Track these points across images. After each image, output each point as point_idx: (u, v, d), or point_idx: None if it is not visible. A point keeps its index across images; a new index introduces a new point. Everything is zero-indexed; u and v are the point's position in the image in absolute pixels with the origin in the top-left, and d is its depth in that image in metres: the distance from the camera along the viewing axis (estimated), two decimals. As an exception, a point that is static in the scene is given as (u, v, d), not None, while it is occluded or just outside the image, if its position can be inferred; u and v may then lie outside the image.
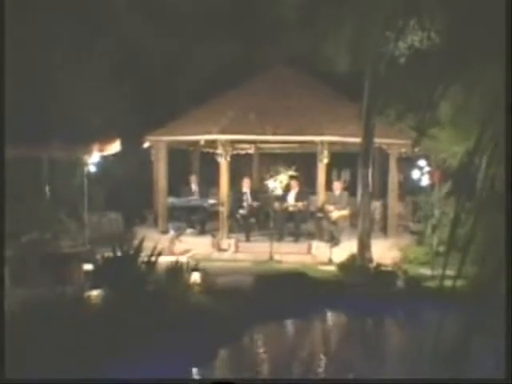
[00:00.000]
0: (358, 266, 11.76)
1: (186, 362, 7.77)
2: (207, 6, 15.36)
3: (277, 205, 13.86)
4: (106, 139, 10.94)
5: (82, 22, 12.74)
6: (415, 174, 14.12)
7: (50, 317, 7.71)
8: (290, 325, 10.39)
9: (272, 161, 16.77)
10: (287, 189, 14.25)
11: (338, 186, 14.17)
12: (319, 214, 13.66)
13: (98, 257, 9.43)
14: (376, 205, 14.42)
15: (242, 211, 14.21)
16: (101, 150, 10.98)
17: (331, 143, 13.49)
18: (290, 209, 13.99)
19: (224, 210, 13.80)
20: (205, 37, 15.92)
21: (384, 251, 12.70)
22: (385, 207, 14.71)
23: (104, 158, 11.49)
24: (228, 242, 13.57)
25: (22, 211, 10.32)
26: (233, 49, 15.96)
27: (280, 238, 13.69)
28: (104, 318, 8.03)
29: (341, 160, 14.70)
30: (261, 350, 9.15)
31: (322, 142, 13.38)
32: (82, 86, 11.93)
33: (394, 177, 14.40)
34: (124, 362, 7.22)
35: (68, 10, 12.22)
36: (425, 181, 14.02)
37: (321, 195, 13.66)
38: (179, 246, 13.31)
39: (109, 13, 13.94)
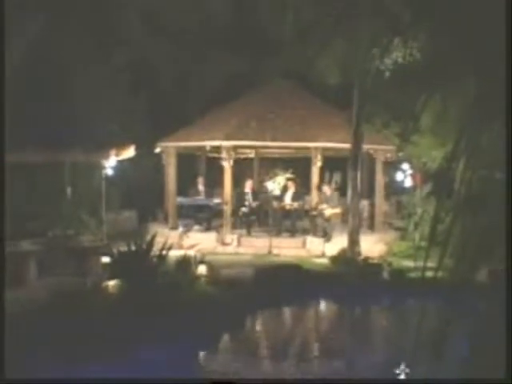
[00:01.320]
0: (348, 258, 11.75)
1: (193, 345, 7.79)
2: (213, 27, 15.37)
3: (275, 204, 13.86)
4: (121, 145, 10.95)
5: (104, 41, 12.75)
6: (399, 176, 14.15)
7: (71, 303, 7.74)
8: (286, 311, 10.40)
9: (271, 164, 16.74)
10: (284, 189, 14.24)
11: (328, 189, 14.14)
12: (313, 212, 13.65)
13: (115, 251, 9.43)
14: (364, 204, 14.41)
15: (243, 209, 14.21)
16: (117, 155, 10.97)
17: (324, 149, 13.48)
18: (287, 207, 13.98)
19: (227, 209, 13.79)
20: (210, 54, 15.93)
21: (371, 245, 12.69)
22: (372, 206, 14.70)
23: (120, 162, 11.48)
24: (231, 238, 13.56)
25: (47, 210, 10.33)
26: (235, 64, 15.96)
27: (278, 234, 13.67)
28: (119, 305, 8.05)
29: (332, 164, 14.68)
30: (260, 333, 9.17)
31: (316, 148, 13.37)
32: (101, 98, 11.94)
33: (380, 179, 14.40)
34: (137, 345, 7.24)
35: (93, 30, 12.22)
36: (408, 182, 14.04)
37: (315, 195, 13.65)
38: (187, 241, 13.31)
39: (127, 33, 13.96)
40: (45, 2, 7.77)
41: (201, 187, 14.95)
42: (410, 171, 13.93)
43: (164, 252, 9.29)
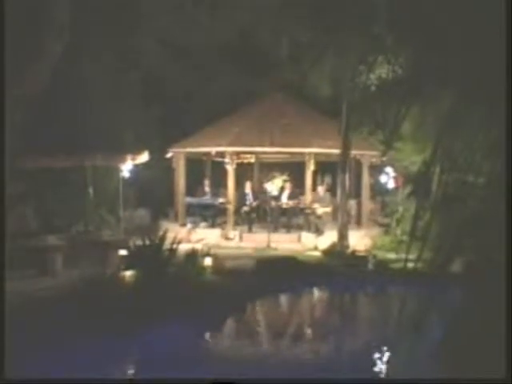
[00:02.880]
0: (337, 251, 11.76)
1: (201, 328, 7.80)
2: (217, 48, 15.38)
3: (273, 203, 13.86)
4: (137, 151, 10.97)
5: (121, 60, 12.75)
6: (383, 178, 14.15)
7: (92, 291, 7.76)
8: (283, 298, 10.41)
9: (269, 168, 16.74)
10: (281, 190, 14.24)
11: (320, 189, 14.17)
12: (307, 211, 13.66)
13: (131, 244, 9.45)
14: (352, 203, 14.40)
15: (245, 208, 14.21)
16: (133, 160, 11.00)
17: (316, 154, 13.48)
18: (284, 206, 13.98)
19: (231, 208, 13.79)
20: (215, 70, 15.93)
21: (358, 240, 12.68)
22: (359, 205, 14.70)
23: (135, 166, 11.52)
24: (234, 233, 13.55)
25: (71, 208, 10.36)
26: (238, 79, 15.96)
27: (276, 230, 13.66)
28: (135, 293, 8.06)
29: (324, 167, 14.70)
30: (260, 317, 9.19)
31: (309, 153, 13.37)
32: (118, 110, 11.95)
33: (366, 181, 14.40)
34: (150, 328, 7.27)
35: (112, 50, 12.22)
36: (391, 184, 14.05)
37: (308, 195, 13.66)
38: (195, 236, 13.31)
39: (140, 50, 13.97)
40: (70, 22, 7.79)
41: (207, 188, 14.96)
42: (392, 174, 13.94)
43: (174, 246, 9.30)
